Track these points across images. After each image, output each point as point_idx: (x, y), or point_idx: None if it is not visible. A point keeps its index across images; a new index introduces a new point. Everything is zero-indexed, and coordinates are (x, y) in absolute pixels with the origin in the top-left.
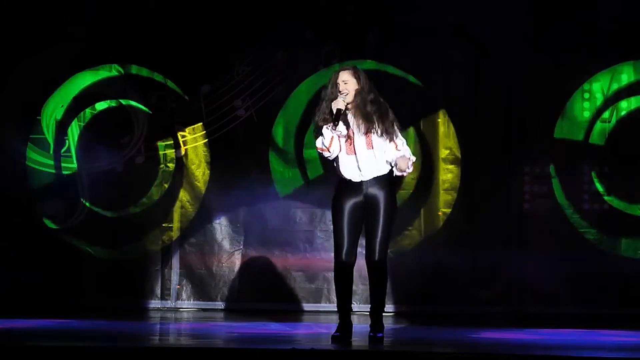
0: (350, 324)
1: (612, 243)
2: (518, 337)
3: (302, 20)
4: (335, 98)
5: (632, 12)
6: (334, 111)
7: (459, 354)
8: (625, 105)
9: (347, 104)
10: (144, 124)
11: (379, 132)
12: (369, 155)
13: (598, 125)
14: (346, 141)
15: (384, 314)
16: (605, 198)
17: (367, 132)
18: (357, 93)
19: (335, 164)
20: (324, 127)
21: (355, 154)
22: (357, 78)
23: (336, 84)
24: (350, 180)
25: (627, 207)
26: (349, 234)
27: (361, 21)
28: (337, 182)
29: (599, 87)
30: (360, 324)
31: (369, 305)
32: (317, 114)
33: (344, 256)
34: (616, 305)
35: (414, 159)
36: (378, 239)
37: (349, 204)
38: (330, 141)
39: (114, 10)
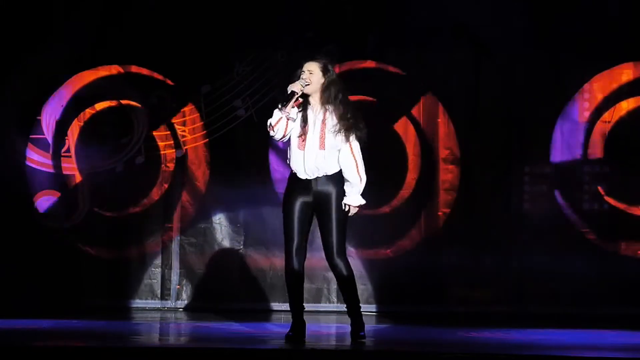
0: (303, 323)
1: (612, 243)
2: (518, 337)
3: (302, 20)
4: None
5: (632, 12)
6: (288, 92)
7: (459, 354)
8: (625, 106)
9: (305, 94)
10: (144, 124)
11: (338, 130)
12: (318, 154)
13: (598, 126)
14: (299, 136)
15: (373, 313)
16: (605, 198)
17: (322, 131)
18: (322, 89)
19: (287, 157)
20: (278, 107)
21: (304, 150)
22: (324, 72)
23: (301, 72)
24: (298, 176)
25: (627, 207)
26: (298, 232)
27: (361, 21)
28: (289, 176)
29: (599, 87)
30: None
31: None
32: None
33: (294, 255)
34: (616, 305)
35: (362, 202)
36: (334, 237)
37: (298, 202)
38: (277, 121)
39: (114, 10)
